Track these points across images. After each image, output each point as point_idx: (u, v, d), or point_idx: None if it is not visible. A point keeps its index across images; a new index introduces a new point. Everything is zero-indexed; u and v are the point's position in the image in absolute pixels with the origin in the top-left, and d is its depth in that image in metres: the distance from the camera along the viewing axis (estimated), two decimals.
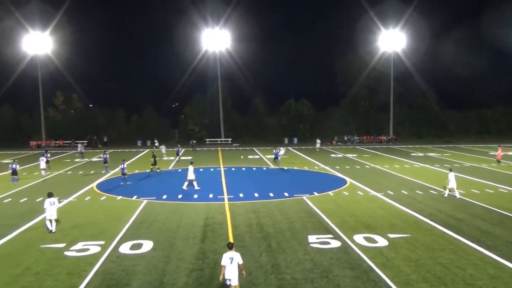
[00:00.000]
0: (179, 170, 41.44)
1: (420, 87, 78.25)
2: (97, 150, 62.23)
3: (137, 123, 79.11)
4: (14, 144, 69.78)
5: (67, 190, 30.68)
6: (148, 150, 62.10)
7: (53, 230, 20.28)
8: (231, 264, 12.89)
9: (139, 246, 18.07)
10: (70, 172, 40.45)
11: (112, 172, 39.34)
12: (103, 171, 39.41)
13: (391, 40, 72.83)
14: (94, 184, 33.34)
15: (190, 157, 51.37)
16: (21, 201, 27.48)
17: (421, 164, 43.64)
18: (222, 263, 13.00)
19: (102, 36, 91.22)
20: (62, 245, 18.26)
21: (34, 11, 69.69)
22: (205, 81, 78.24)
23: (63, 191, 30.51)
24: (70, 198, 28.07)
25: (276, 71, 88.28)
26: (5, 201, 27.66)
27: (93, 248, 17.84)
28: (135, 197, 28.09)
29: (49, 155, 42.84)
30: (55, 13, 69.38)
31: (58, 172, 39.95)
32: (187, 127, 78.50)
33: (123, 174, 33.85)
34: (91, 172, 40.07)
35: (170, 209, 24.80)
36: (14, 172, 34.30)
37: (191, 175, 30.94)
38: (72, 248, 17.88)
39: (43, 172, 38.12)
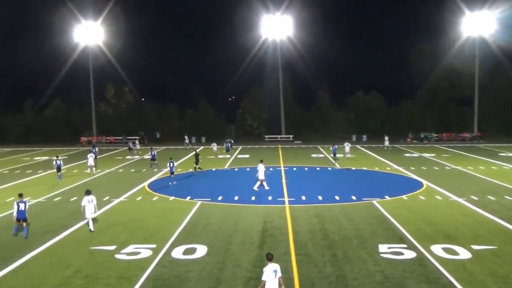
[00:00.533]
0: (236, 169, 41.88)
1: (511, 78, 74.61)
2: (146, 147, 63.83)
3: (191, 118, 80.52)
4: (65, 140, 73.02)
5: (118, 189, 31.79)
6: (202, 147, 63.10)
7: (91, 229, 21.40)
8: (274, 278, 12.47)
9: (192, 250, 18.42)
10: (121, 170, 41.85)
11: (165, 170, 40.28)
12: (155, 170, 40.49)
13: (476, 24, 69.79)
14: (145, 183, 34.33)
15: (247, 155, 51.78)
16: (71, 200, 28.73)
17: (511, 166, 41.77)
18: (264, 278, 12.50)
19: (154, 25, 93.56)
20: (112, 247, 18.93)
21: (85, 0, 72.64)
22: (264, 72, 78.48)
23: (113, 190, 31.66)
24: (121, 198, 29.05)
25: (343, 60, 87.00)
26: (55, 200, 29.05)
27: (145, 251, 18.36)
28: (188, 198, 28.66)
29: (96, 150, 44.84)
30: (107, 2, 72.08)
31: (109, 170, 41.43)
32: (245, 122, 79.16)
33: (172, 173, 34.70)
34: (143, 170, 41.25)
35: (226, 211, 25.12)
36: (59, 169, 36.43)
37: (261, 174, 31.26)
38: (123, 251, 18.49)
39: (93, 170, 39.74)
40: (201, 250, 18.43)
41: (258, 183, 31.39)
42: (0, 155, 56.13)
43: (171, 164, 34.83)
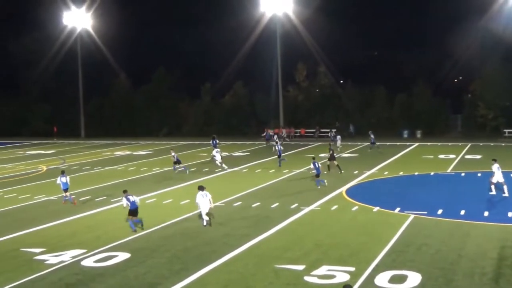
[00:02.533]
0: (462, 174, 40.45)
1: None
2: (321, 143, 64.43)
3: (403, 105, 79.24)
4: (247, 132, 77.20)
5: (309, 195, 32.81)
6: (417, 144, 61.99)
7: (205, 224, 25.42)
8: None
9: (402, 278, 18.22)
10: (314, 171, 42.85)
11: (368, 173, 40.45)
12: (341, 172, 40.77)
13: None
14: (343, 189, 34.84)
15: (478, 156, 49.53)
16: (253, 205, 30.40)
17: None
18: None
19: None
20: (301, 267, 19.55)
21: None
22: (504, 43, 74.00)
23: (303, 196, 32.75)
24: (312, 206, 29.86)
25: None
26: (234, 204, 30.96)
27: (341, 275, 18.61)
28: (397, 209, 28.42)
29: (217, 141, 51.40)
30: None
31: (298, 171, 42.83)
32: (476, 111, 75.59)
33: (317, 175, 35.79)
34: (341, 172, 41.77)
35: (448, 229, 24.43)
36: (178, 162, 43.19)
37: (498, 175, 31.30)
38: (314, 272, 18.98)
39: (223, 166, 43.73)
40: (414, 279, 18.13)
41: (505, 187, 31.33)
42: (177, 149, 61.21)
43: (317, 165, 35.82)
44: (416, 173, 40.73)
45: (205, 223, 25.46)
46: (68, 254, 21.69)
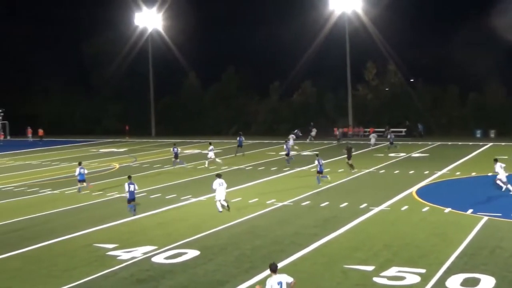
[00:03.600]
0: None
1: None
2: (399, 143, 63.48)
3: (475, 104, 77.43)
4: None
5: (378, 195, 32.48)
6: (491, 144, 60.50)
7: (220, 210, 28.46)
8: None
9: (474, 282, 17.86)
10: (382, 171, 42.59)
11: (439, 173, 39.79)
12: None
13: None
14: (414, 189, 34.36)
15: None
16: (321, 205, 30.35)
17: None
18: None
19: None
20: (370, 267, 19.43)
21: None
22: None
23: (372, 195, 32.48)
24: (382, 206, 29.58)
25: None
26: (303, 204, 31.01)
27: (411, 277, 18.40)
28: (470, 211, 27.86)
29: (243, 138, 55.44)
30: None
31: (367, 170, 42.52)
32: None
33: (320, 172, 36.83)
34: (410, 172, 41.29)
35: None
36: (176, 156, 47.43)
37: (502, 174, 32.69)
38: (383, 273, 18.83)
39: (218, 160, 47.79)
40: (487, 283, 17.75)
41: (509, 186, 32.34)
42: (245, 148, 61.73)
43: (320, 162, 36.74)
44: (489, 174, 39.80)
45: (220, 209, 28.58)
46: (139, 251, 22.21)
